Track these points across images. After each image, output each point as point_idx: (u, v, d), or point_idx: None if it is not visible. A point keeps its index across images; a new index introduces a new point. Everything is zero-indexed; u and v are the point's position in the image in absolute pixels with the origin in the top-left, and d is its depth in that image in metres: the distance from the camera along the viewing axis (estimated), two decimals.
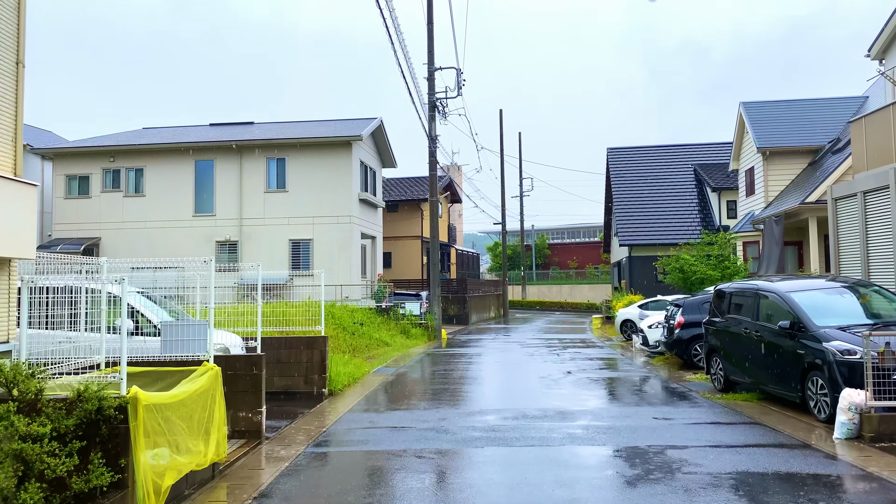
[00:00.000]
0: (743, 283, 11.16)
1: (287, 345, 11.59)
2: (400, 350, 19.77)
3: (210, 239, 27.37)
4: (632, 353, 18.81)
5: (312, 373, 11.48)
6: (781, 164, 25.49)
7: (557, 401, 10.50)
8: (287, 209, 26.98)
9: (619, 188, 34.94)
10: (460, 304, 34.54)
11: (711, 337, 11.65)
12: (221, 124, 31.41)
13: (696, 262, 23.35)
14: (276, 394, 11.38)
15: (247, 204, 27.27)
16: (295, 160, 27.13)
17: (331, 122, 29.68)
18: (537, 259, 63.03)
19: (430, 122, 24.48)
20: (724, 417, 8.94)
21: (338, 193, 26.75)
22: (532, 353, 18.80)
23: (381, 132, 29.91)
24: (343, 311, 21.51)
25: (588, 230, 74.32)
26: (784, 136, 25.75)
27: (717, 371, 11.32)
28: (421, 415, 9.46)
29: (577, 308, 49.52)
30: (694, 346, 14.43)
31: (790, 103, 27.80)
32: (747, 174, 27.72)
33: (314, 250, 26.76)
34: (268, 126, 30.07)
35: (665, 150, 37.12)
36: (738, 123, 28.00)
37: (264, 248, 26.97)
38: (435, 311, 24.43)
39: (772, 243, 22.80)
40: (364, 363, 16.11)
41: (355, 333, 19.30)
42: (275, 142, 27.04)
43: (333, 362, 14.51)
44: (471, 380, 13.51)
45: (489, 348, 20.86)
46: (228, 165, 27.45)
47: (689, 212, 32.91)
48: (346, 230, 26.65)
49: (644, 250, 31.65)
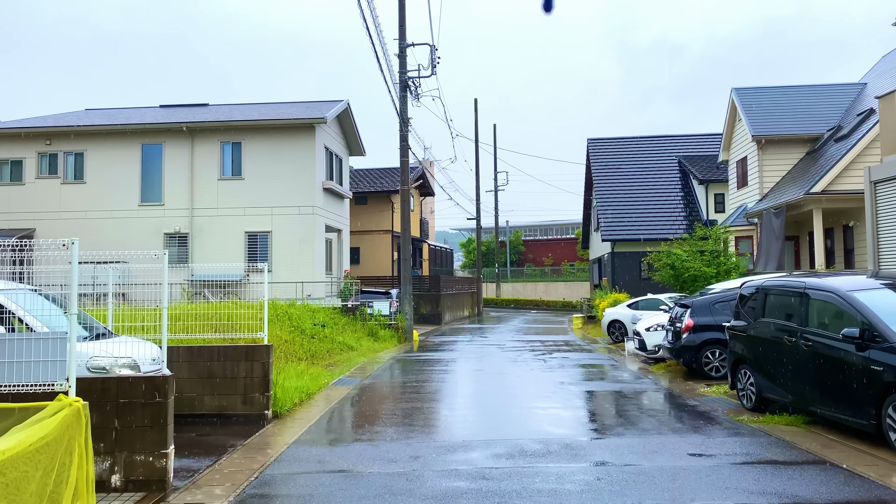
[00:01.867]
0: (783, 279, 9.21)
1: (221, 356, 9.34)
2: (366, 355, 17.58)
3: (158, 231, 24.85)
4: (624, 358, 16.88)
5: (253, 390, 9.25)
6: (777, 154, 23.82)
7: (558, 426, 8.44)
8: (243, 198, 24.58)
9: (600, 181, 33.12)
10: (433, 302, 32.40)
11: (738, 345, 9.69)
12: (173, 106, 28.82)
13: (690, 259, 21.53)
14: (208, 417, 9.14)
15: (199, 192, 24.80)
16: (252, 144, 24.72)
17: (293, 105, 27.31)
18: (512, 256, 61.19)
19: (401, 103, 22.29)
20: (778, 452, 6.95)
21: (300, 181, 24.42)
22: (515, 358, 16.75)
23: (349, 116, 27.62)
24: (303, 312, 19.24)
25: (562, 227, 72.74)
26: (780, 124, 24.09)
27: (747, 386, 9.36)
28: (387, 450, 7.31)
29: (552, 306, 47.76)
30: (705, 353, 12.49)
31: (785, 90, 26.18)
32: (739, 165, 26.04)
33: (273, 244, 24.40)
34: (223, 108, 27.59)
35: (648, 142, 35.41)
36: (730, 111, 26.31)
37: (218, 242, 24.55)
38: (406, 311, 22.28)
39: (770, 237, 21.08)
40: (323, 373, 13.89)
41: (315, 337, 17.05)
42: (230, 124, 24.60)
43: (285, 374, 12.28)
44: (449, 395, 11.38)
45: (466, 353, 18.76)
46: (179, 150, 24.93)
47: (675, 205, 31.21)
48: (308, 222, 24.34)
49: (627, 246, 29.85)
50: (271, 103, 28.19)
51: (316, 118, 24.15)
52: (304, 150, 24.48)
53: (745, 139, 25.06)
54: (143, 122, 25.19)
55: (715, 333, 12.50)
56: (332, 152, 26.55)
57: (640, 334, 15.45)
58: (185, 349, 9.32)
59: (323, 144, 25.32)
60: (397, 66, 22.31)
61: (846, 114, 23.60)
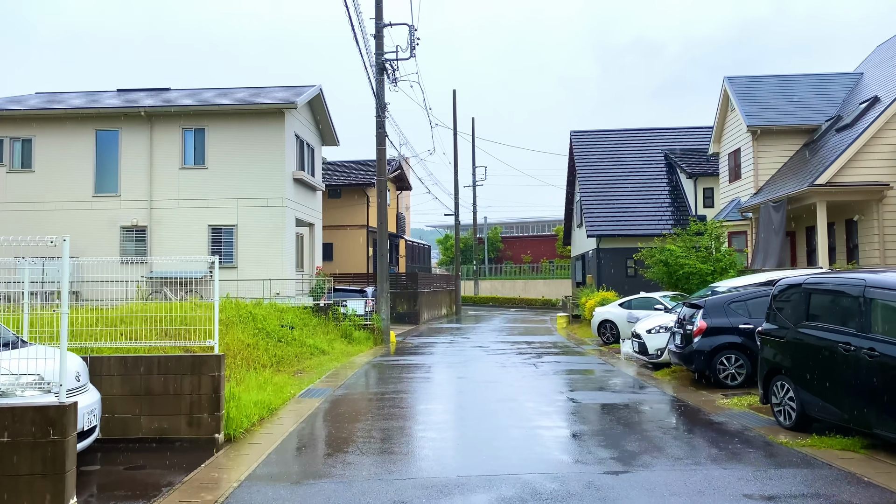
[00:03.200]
0: (834, 276, 7.85)
1: (161, 368, 7.74)
2: (339, 360, 16.01)
3: (114, 224, 22.97)
4: (620, 362, 15.53)
5: (200, 409, 7.67)
6: (773, 145, 22.70)
7: (572, 454, 6.99)
8: (207, 189, 22.80)
9: (584, 175, 31.84)
10: (411, 300, 30.87)
11: (773, 352, 8.33)
12: (131, 90, 26.86)
13: (684, 255, 20.30)
14: (145, 443, 7.54)
15: (158, 183, 22.97)
16: (217, 131, 22.95)
17: (261, 90, 25.56)
18: (490, 253, 59.85)
19: (378, 86, 20.70)
20: (855, 493, 5.57)
21: (268, 171, 22.71)
22: (503, 363, 15.30)
23: (321, 103, 25.94)
24: (270, 312, 17.61)
25: (540, 224, 71.61)
26: (776, 114, 22.97)
27: (786, 401, 8.00)
28: (363, 491, 5.80)
29: (532, 304, 46.54)
30: (720, 359, 11.15)
31: (780, 79, 25.09)
32: (731, 157, 24.90)
33: (239, 238, 22.67)
34: (186, 92, 25.73)
35: (633, 135, 34.21)
36: (722, 101, 25.16)
37: (179, 236, 22.75)
38: (382, 311, 20.72)
39: (769, 232, 19.90)
40: (290, 382, 12.30)
41: (283, 340, 15.44)
42: (192, 109, 22.79)
43: (245, 385, 10.70)
44: (434, 410, 9.88)
45: (449, 356, 17.28)
46: (137, 137, 23.07)
47: (662, 200, 30.04)
48: (277, 215, 22.64)
49: (613, 242, 28.61)
50: (238, 88, 26.40)
51: (285, 103, 22.46)
52: (272, 138, 22.77)
53: (738, 130, 23.92)
54: (98, 105, 23.26)
55: (730, 337, 11.20)
56: (303, 141, 24.87)
57: (641, 337, 14.10)
58: (117, 360, 7.70)
59: (293, 132, 23.63)
60: (375, 48, 20.74)
61: (845, 104, 22.56)
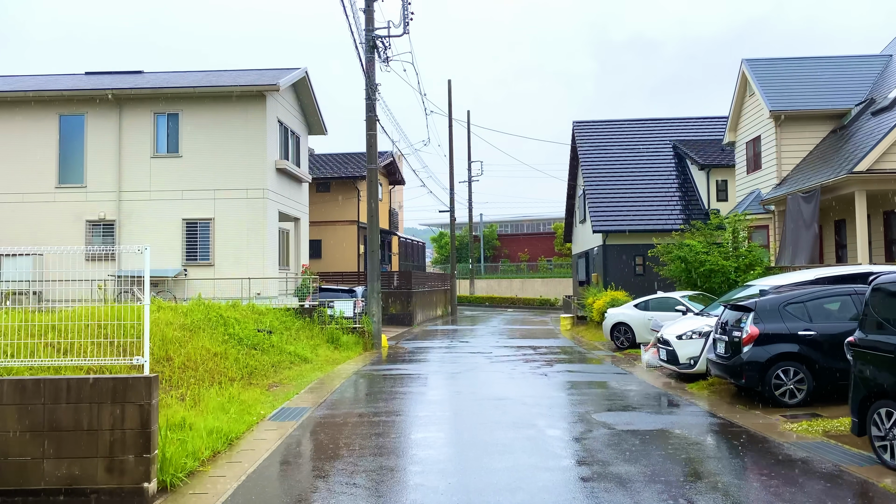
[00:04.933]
0: None
1: (71, 395, 5.80)
2: (323, 369, 14.08)
3: (79, 217, 20.96)
4: (642, 371, 13.68)
5: (123, 450, 5.74)
6: (798, 132, 20.89)
7: None
8: (181, 180, 20.83)
9: (588, 167, 29.97)
10: (404, 301, 28.95)
11: (875, 370, 6.47)
12: (100, 73, 24.83)
13: (705, 251, 18.47)
14: (48, 496, 5.61)
15: (128, 173, 20.97)
16: (192, 116, 20.96)
17: (241, 72, 23.58)
18: (486, 251, 57.98)
19: (368, 66, 18.78)
20: None
21: (248, 160, 20.75)
22: (510, 373, 13.41)
23: (307, 88, 23.98)
24: (247, 314, 15.69)
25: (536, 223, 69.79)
26: (801, 98, 21.16)
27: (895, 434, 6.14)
28: None
29: (529, 304, 44.73)
30: (776, 371, 9.29)
31: (801, 62, 23.29)
32: (750, 146, 23.09)
33: (216, 233, 20.69)
34: (160, 76, 23.72)
35: (639, 125, 32.34)
36: (739, 86, 23.34)
37: (151, 231, 20.76)
38: (373, 312, 18.80)
39: (798, 226, 18.08)
40: (261, 399, 10.39)
41: (258, 347, 13.50)
42: (166, 92, 20.80)
43: (203, 406, 8.79)
44: (434, 444, 7.96)
45: (449, 364, 15.39)
46: (104, 122, 21.06)
47: (671, 194, 28.20)
48: (258, 207, 20.68)
49: (621, 238, 26.76)
50: (216, 71, 24.41)
51: (267, 85, 20.49)
52: (253, 124, 20.80)
53: (758, 117, 22.11)
54: (61, 88, 21.22)
55: (788, 346, 9.34)
56: (287, 128, 22.91)
57: (670, 343, 12.22)
58: (10, 385, 5.76)
59: (276, 118, 21.67)
60: (365, 24, 18.80)
61: (876, 86, 20.77)
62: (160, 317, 11.91)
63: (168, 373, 9.78)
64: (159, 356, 10.13)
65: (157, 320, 11.48)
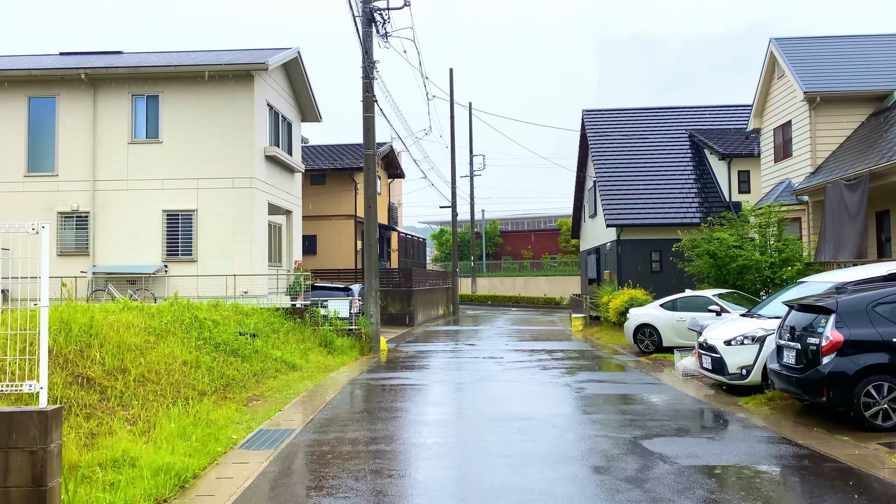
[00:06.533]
0: None
1: None
2: (314, 377, 12.33)
3: (50, 208, 19.19)
4: (675, 379, 11.95)
5: None
6: (835, 115, 19.13)
7: None
8: (161, 167, 19.06)
9: (600, 159, 28.20)
10: (404, 300, 27.21)
11: None
12: (77, 53, 23.02)
13: (737, 244, 16.75)
14: None
15: (104, 160, 19.20)
16: (173, 99, 19.19)
17: (227, 52, 21.79)
18: (488, 248, 56.23)
19: (365, 41, 17.02)
20: None
21: (234, 146, 18.98)
22: (528, 384, 11.67)
23: (300, 70, 22.20)
24: (230, 315, 13.96)
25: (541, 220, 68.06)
26: (838, 79, 19.41)
27: None
28: None
29: (534, 303, 42.99)
30: (865, 388, 7.55)
31: (835, 40, 21.56)
32: (779, 132, 21.34)
33: (199, 226, 18.93)
34: (140, 56, 21.93)
35: (652, 114, 30.60)
36: (766, 67, 21.58)
37: (128, 223, 19.02)
38: (371, 313, 17.04)
39: (842, 217, 16.33)
40: (235, 417, 8.64)
41: (239, 353, 11.74)
42: (144, 72, 19.03)
43: (157, 433, 7.07)
44: (451, 487, 6.21)
45: (455, 372, 13.65)
46: (77, 105, 19.28)
47: (689, 186, 26.46)
48: (245, 198, 18.91)
49: (636, 232, 25.03)
50: (200, 51, 22.63)
51: (255, 64, 18.72)
52: (240, 107, 19.03)
53: (788, 100, 20.36)
54: (30, 67, 19.44)
55: (880, 355, 7.63)
56: (278, 113, 21.13)
57: (717, 350, 10.47)
58: None
59: (265, 100, 19.89)
60: None
61: None
62: (121, 318, 10.15)
63: (120, 388, 8.02)
64: (111, 367, 8.38)
65: (116, 323, 9.73)
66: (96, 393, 7.66)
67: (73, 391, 7.27)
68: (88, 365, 8.11)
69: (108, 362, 8.43)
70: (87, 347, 8.47)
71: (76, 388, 7.41)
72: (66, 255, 19.12)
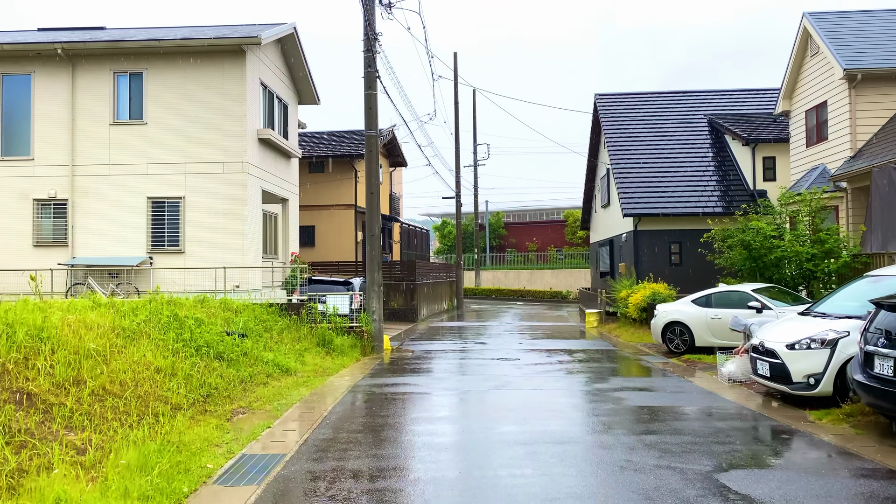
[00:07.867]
0: None
1: None
2: (309, 384, 10.87)
3: (25, 195, 17.74)
4: (719, 384, 10.50)
5: None
6: (877, 95, 17.67)
7: None
8: (146, 151, 17.57)
9: (615, 145, 26.68)
10: (407, 294, 25.76)
11: None
12: (56, 29, 21.48)
13: (776, 234, 15.29)
14: None
15: (83, 143, 17.71)
16: (159, 77, 17.68)
17: (217, 27, 20.25)
18: (492, 241, 54.73)
19: (366, 11, 15.48)
20: None
21: (225, 128, 17.48)
22: (554, 392, 10.21)
23: (297, 48, 20.66)
24: (217, 312, 12.50)
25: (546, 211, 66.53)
26: (881, 55, 17.93)
27: None
28: None
29: (539, 297, 41.54)
30: None
31: (875, 14, 20.04)
32: (811, 115, 19.84)
33: (187, 214, 17.45)
34: (124, 32, 20.38)
35: (668, 98, 29.05)
36: (798, 45, 20.07)
37: (110, 211, 17.56)
38: (374, 309, 15.58)
39: (892, 204, 14.87)
40: (214, 438, 7.18)
41: (223, 357, 10.27)
42: (127, 47, 17.52)
43: (107, 467, 5.58)
44: None
45: (468, 378, 12.19)
46: (55, 84, 17.78)
47: (709, 174, 24.95)
48: (236, 184, 17.43)
49: (654, 223, 23.56)
50: (188, 26, 21.09)
51: (247, 38, 17.19)
52: (230, 85, 17.52)
53: (824, 79, 18.86)
54: (3, 42, 17.91)
55: None
56: (272, 93, 19.61)
57: (777, 355, 9.00)
58: None
59: (258, 79, 18.37)
60: None
61: None
62: (83, 318, 8.68)
63: (70, 406, 6.56)
64: (63, 379, 6.91)
65: (76, 323, 8.26)
66: (38, 413, 6.19)
67: (4, 413, 5.80)
68: (32, 377, 6.64)
69: (59, 373, 6.96)
70: (33, 354, 7.01)
71: (10, 409, 5.93)
72: (42, 246, 17.66)
